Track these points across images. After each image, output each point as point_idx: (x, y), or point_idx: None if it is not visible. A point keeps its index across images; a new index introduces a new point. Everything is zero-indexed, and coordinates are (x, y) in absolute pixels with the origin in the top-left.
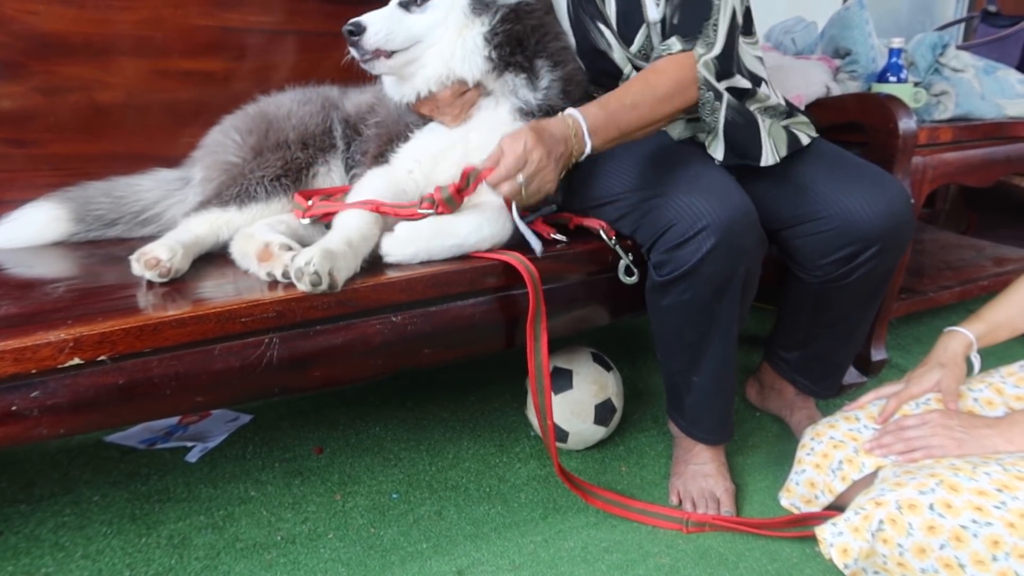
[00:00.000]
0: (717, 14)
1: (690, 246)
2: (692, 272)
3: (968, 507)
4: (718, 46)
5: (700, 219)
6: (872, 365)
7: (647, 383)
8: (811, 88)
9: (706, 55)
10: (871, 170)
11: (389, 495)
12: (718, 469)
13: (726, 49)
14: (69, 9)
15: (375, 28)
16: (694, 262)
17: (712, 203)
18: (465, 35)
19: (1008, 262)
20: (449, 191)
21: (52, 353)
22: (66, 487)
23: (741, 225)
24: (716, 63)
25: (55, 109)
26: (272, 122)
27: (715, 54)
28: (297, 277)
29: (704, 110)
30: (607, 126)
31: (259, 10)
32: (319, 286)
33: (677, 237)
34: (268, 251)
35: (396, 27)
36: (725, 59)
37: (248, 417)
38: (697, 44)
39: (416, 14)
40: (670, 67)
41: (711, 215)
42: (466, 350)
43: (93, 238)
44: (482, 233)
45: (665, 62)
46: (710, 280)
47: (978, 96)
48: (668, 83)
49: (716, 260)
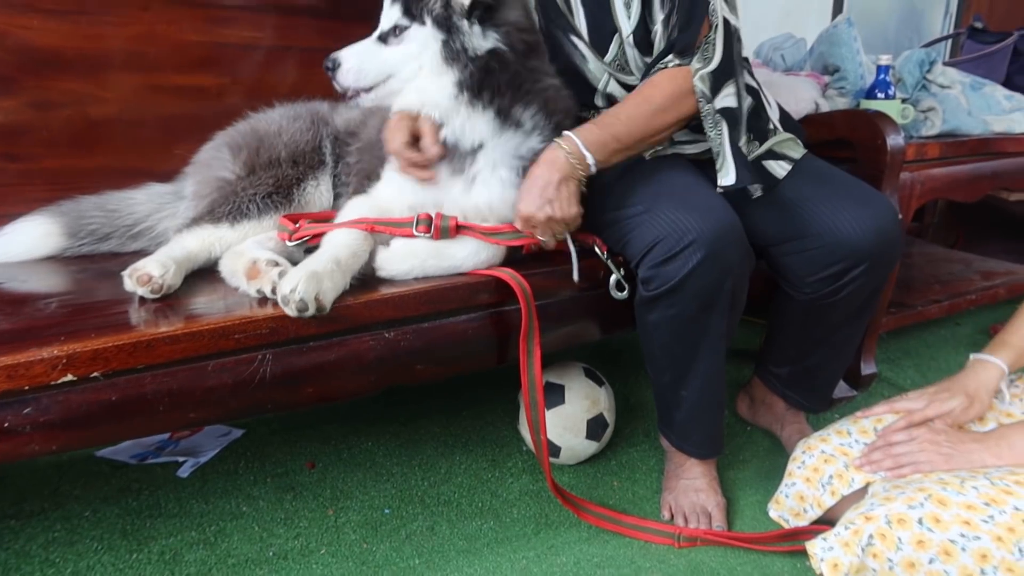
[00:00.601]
0: (714, 27)
1: (677, 261)
2: (679, 287)
3: (957, 521)
4: (715, 60)
5: (686, 235)
6: (862, 379)
7: (639, 398)
8: (800, 104)
9: (703, 69)
10: (859, 187)
11: (381, 510)
12: (709, 484)
13: (724, 60)
14: (63, 24)
15: (348, 65)
16: (681, 277)
17: (698, 219)
18: (441, 81)
19: (996, 276)
20: (450, 223)
21: (45, 370)
22: (56, 502)
23: (727, 240)
24: (711, 77)
25: (48, 124)
26: (263, 139)
27: (711, 68)
28: (284, 303)
29: (706, 123)
30: (604, 140)
31: (252, 26)
32: (306, 312)
33: (664, 252)
34: (256, 268)
35: (369, 63)
36: (720, 72)
37: (240, 432)
38: (694, 59)
39: (392, 46)
40: (665, 79)
41: (697, 231)
42: (459, 366)
43: (85, 252)
44: (479, 258)
45: (660, 75)
46: (697, 295)
47: (965, 112)
48: (664, 95)
49: (703, 275)
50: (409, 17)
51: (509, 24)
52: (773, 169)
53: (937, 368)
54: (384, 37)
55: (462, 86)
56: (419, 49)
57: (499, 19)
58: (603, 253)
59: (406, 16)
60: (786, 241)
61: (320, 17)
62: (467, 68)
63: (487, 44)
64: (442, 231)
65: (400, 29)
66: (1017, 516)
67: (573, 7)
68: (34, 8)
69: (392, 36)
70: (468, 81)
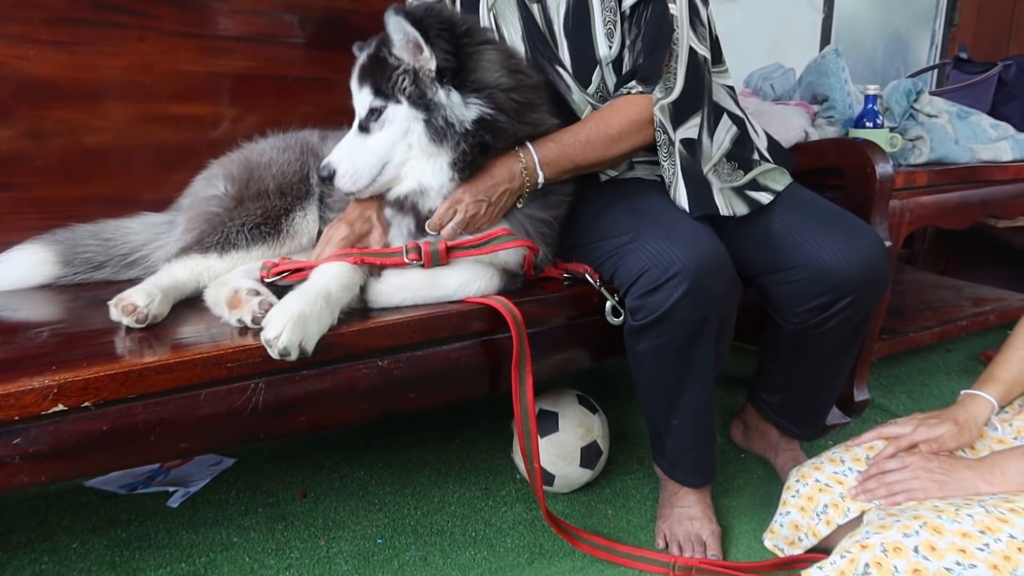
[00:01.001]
0: (675, 57)
1: (662, 292)
2: (665, 318)
3: (952, 549)
4: (677, 90)
5: (672, 265)
6: (855, 405)
7: (632, 425)
8: (790, 133)
9: (663, 99)
10: (846, 219)
11: (374, 540)
12: (704, 512)
13: (686, 90)
14: (59, 55)
15: (342, 170)
16: (666, 308)
17: (683, 249)
18: (436, 162)
19: (986, 302)
20: (439, 247)
21: (36, 400)
22: (44, 534)
23: (712, 271)
24: (671, 108)
25: (43, 152)
26: (254, 171)
27: (672, 99)
28: (267, 346)
29: (661, 152)
30: (560, 159)
31: (246, 56)
32: (288, 357)
33: (650, 283)
34: (237, 297)
35: (360, 160)
36: (683, 103)
37: (231, 461)
38: (656, 88)
39: (375, 134)
40: (627, 106)
41: (683, 261)
42: (452, 394)
43: (79, 281)
44: (470, 288)
45: (622, 101)
46: (683, 325)
47: (952, 141)
48: (623, 122)
49: (688, 306)
50: (382, 98)
51: (490, 87)
52: (758, 199)
53: (929, 394)
54: (364, 126)
55: (455, 166)
56: (402, 129)
57: (477, 83)
58: (595, 281)
59: (379, 97)
60: (773, 272)
61: (314, 47)
62: (459, 146)
63: (471, 114)
64: (433, 256)
65: (377, 113)
66: (1012, 544)
67: (558, 38)
68: (30, 39)
69: (372, 122)
70: (462, 161)
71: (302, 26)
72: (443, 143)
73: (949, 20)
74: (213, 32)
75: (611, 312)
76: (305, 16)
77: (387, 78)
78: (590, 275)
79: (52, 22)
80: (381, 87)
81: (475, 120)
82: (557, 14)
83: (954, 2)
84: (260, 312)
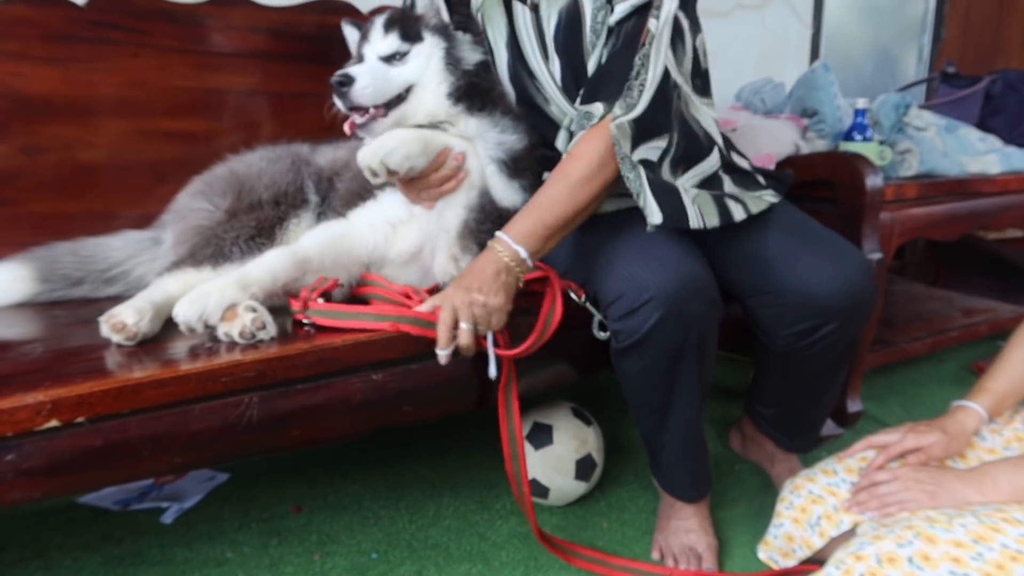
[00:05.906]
0: (644, 72)
1: (638, 316)
2: (644, 341)
3: (946, 559)
4: (639, 107)
5: (645, 291)
6: (849, 417)
7: (628, 437)
8: (781, 147)
9: (622, 117)
10: (833, 242)
11: (369, 555)
12: (700, 524)
13: (649, 111)
14: (54, 71)
15: (364, 81)
16: (644, 332)
17: (656, 273)
18: (439, 90)
19: (977, 313)
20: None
21: (29, 416)
22: (36, 550)
23: (688, 293)
24: (632, 126)
25: (36, 168)
26: (244, 183)
27: (633, 116)
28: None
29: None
30: (532, 229)
31: (240, 72)
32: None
33: (625, 308)
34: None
35: (383, 82)
36: (646, 122)
37: (225, 476)
38: (616, 105)
39: (398, 67)
40: (586, 147)
41: (657, 287)
42: (446, 407)
43: (57, 298)
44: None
45: (581, 144)
46: (663, 348)
47: (941, 153)
48: (584, 165)
49: (666, 329)
50: (408, 41)
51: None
52: (732, 212)
53: (922, 404)
54: (388, 58)
55: (452, 96)
56: (427, 56)
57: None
58: (580, 298)
59: (405, 41)
60: (758, 294)
61: (309, 63)
62: (459, 81)
63: (477, 56)
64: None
65: (401, 55)
66: (1006, 553)
67: (548, 51)
68: (25, 56)
69: (395, 59)
70: (457, 92)
71: (296, 42)
72: (451, 73)
73: (936, 35)
74: (207, 48)
75: (598, 327)
76: (299, 32)
77: (416, 21)
78: (574, 291)
79: (47, 39)
80: (409, 31)
81: (477, 62)
82: (548, 26)
83: (941, 17)
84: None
